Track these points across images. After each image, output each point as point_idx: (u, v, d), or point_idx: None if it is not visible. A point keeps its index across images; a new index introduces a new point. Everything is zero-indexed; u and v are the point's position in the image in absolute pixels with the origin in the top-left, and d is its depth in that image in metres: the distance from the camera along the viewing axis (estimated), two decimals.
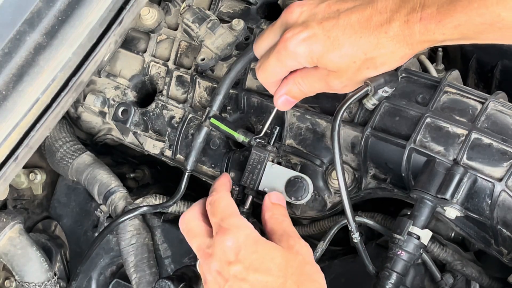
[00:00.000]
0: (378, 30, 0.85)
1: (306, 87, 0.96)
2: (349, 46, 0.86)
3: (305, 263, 0.94)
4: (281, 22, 0.95)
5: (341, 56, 0.87)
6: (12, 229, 1.21)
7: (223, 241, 0.93)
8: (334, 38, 0.87)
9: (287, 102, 0.99)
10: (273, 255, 0.93)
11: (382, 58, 0.87)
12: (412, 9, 0.83)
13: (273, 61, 0.93)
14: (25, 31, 0.90)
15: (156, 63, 1.29)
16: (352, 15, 0.86)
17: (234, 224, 0.96)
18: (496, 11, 0.78)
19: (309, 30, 0.88)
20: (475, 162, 0.98)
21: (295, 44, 0.89)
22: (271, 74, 0.96)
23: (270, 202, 1.04)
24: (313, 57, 0.89)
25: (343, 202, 1.02)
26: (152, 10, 1.24)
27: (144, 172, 1.48)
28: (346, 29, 0.86)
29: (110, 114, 1.29)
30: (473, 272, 1.10)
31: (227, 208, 0.99)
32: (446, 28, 0.81)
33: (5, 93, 0.90)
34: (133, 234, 1.23)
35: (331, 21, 0.87)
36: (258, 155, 1.10)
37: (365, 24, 0.85)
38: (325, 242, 1.10)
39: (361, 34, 0.85)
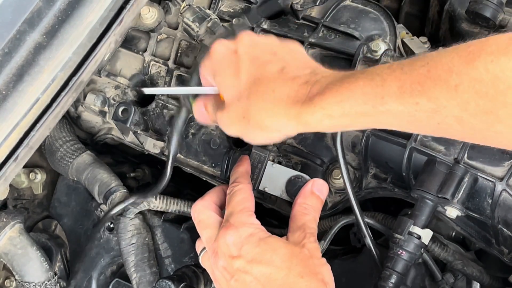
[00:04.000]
0: (269, 85, 0.86)
1: (210, 109, 0.97)
2: (244, 82, 0.88)
3: (310, 256, 0.94)
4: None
5: (233, 86, 0.89)
6: (12, 229, 1.21)
7: (225, 236, 0.95)
8: (239, 68, 0.89)
9: (201, 111, 0.99)
10: (276, 248, 0.94)
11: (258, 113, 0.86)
12: (306, 81, 0.84)
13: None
14: (25, 30, 0.89)
15: (156, 62, 1.29)
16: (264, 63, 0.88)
17: (241, 221, 0.96)
18: (380, 93, 0.76)
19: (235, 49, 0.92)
20: (476, 161, 0.98)
21: (217, 49, 0.94)
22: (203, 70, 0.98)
23: (310, 190, 1.04)
24: (215, 69, 0.93)
25: (349, 197, 1.02)
26: (152, 9, 1.24)
27: (144, 172, 1.48)
28: (252, 68, 0.88)
29: (110, 114, 1.29)
30: (474, 271, 1.10)
31: (242, 202, 1.00)
32: (328, 102, 0.80)
33: (5, 93, 0.90)
34: (134, 234, 1.23)
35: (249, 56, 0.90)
36: (258, 154, 1.10)
37: (265, 74, 0.87)
38: (325, 241, 1.10)
39: (257, 80, 0.87)
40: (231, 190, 1.02)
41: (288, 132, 0.88)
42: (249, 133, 0.90)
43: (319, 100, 0.81)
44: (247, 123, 0.88)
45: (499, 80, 0.67)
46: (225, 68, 0.91)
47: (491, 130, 0.71)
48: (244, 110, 0.87)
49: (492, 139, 0.75)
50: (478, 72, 0.69)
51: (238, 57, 0.90)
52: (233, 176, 1.05)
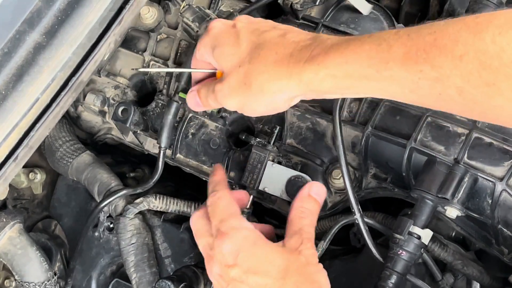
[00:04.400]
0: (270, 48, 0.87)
1: (205, 92, 0.97)
2: (244, 49, 0.89)
3: (307, 263, 0.92)
4: None
5: (233, 55, 0.90)
6: (12, 229, 1.21)
7: (221, 245, 0.93)
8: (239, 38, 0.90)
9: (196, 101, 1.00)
10: (272, 257, 0.92)
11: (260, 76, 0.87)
12: (310, 43, 0.85)
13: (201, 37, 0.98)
14: (25, 30, 0.89)
15: (156, 62, 1.28)
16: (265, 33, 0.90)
17: (232, 226, 0.94)
18: (385, 58, 0.76)
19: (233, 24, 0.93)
20: (476, 161, 0.98)
21: (215, 26, 0.95)
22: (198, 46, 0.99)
23: (308, 193, 1.00)
24: (213, 43, 0.93)
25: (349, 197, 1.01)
26: (152, 9, 1.24)
27: (144, 172, 1.47)
28: (253, 37, 0.90)
29: (110, 114, 1.29)
30: (474, 271, 1.10)
31: (226, 209, 0.97)
32: (333, 62, 0.81)
33: (5, 93, 0.90)
34: (133, 234, 1.23)
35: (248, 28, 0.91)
36: (258, 154, 1.10)
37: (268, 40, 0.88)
38: (325, 241, 1.10)
39: (258, 46, 0.88)
40: (211, 201, 0.99)
41: (290, 93, 0.87)
42: (251, 102, 0.90)
43: (322, 59, 0.81)
44: (248, 88, 0.88)
45: (504, 53, 0.68)
46: (224, 40, 0.92)
47: (491, 103, 0.72)
48: (245, 75, 0.88)
49: (491, 113, 0.75)
50: (484, 44, 0.69)
51: (237, 29, 0.92)
52: (210, 187, 1.03)
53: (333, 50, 0.81)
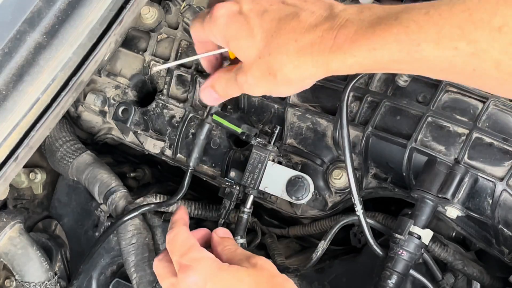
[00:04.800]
0: (289, 36, 0.81)
1: (225, 85, 0.92)
2: (260, 40, 0.83)
3: (273, 276, 0.91)
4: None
5: (249, 47, 0.84)
6: (12, 229, 1.21)
7: (185, 279, 0.90)
8: (251, 26, 0.84)
9: (211, 95, 0.94)
10: (240, 277, 0.90)
11: (283, 66, 0.83)
12: (331, 26, 0.79)
13: (199, 21, 0.91)
14: (25, 30, 0.89)
15: (157, 62, 1.29)
16: (277, 13, 0.83)
17: (193, 258, 0.92)
18: (416, 40, 0.74)
19: (239, 8, 0.86)
20: (476, 161, 0.98)
21: (219, 15, 0.87)
22: (194, 32, 0.93)
23: (219, 237, 1.00)
24: (226, 36, 0.87)
25: (353, 196, 1.01)
26: (152, 9, 1.24)
27: (144, 172, 1.48)
28: (265, 22, 0.83)
29: (110, 114, 1.29)
30: (474, 271, 1.10)
31: (185, 243, 0.95)
32: (360, 50, 0.77)
33: (5, 92, 0.90)
34: (134, 234, 1.23)
35: (259, 12, 0.85)
36: (258, 154, 1.10)
37: (282, 25, 0.82)
38: (326, 241, 1.10)
39: (274, 33, 0.82)
40: (168, 239, 0.97)
41: (317, 78, 0.84)
42: (278, 88, 0.87)
43: (349, 47, 0.78)
44: (273, 79, 0.85)
45: None
46: (236, 32, 0.86)
47: None
48: (268, 66, 0.84)
49: None
50: None
51: (244, 16, 0.85)
52: (169, 227, 1.00)
53: (358, 37, 0.77)
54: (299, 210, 1.17)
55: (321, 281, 1.17)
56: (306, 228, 1.23)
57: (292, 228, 1.27)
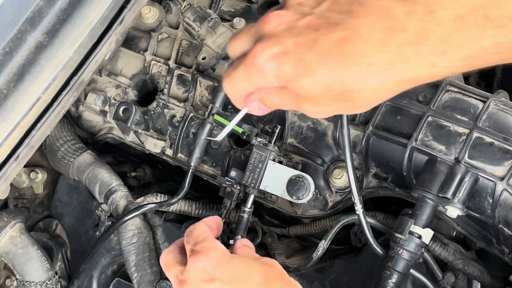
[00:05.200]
0: (360, 61, 0.70)
1: (278, 102, 0.82)
2: (323, 74, 0.72)
3: (282, 273, 0.93)
4: (256, 29, 0.80)
5: (314, 84, 0.73)
6: (13, 228, 1.21)
7: (195, 263, 0.91)
8: (307, 63, 0.72)
9: (260, 108, 0.86)
10: (251, 266, 0.92)
11: (362, 93, 0.73)
12: (405, 39, 0.67)
13: (240, 75, 0.80)
14: (26, 30, 0.89)
15: (157, 62, 1.29)
16: (331, 40, 0.71)
17: (207, 246, 0.93)
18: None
19: (281, 46, 0.74)
20: (477, 161, 0.98)
21: (263, 60, 0.75)
22: (238, 87, 0.82)
23: (242, 244, 1.03)
24: (282, 78, 0.75)
25: (353, 195, 1.01)
26: (153, 9, 1.24)
27: (145, 171, 1.48)
28: (323, 54, 0.72)
29: (111, 113, 1.29)
30: (474, 271, 1.10)
31: (202, 233, 0.97)
32: (452, 61, 0.67)
33: (6, 92, 0.90)
34: (134, 233, 1.23)
35: (308, 42, 0.73)
36: (259, 154, 1.10)
37: (345, 51, 0.70)
38: (326, 240, 1.10)
39: (340, 63, 0.70)
40: (187, 231, 0.99)
41: (400, 92, 0.74)
42: (352, 111, 0.78)
43: (439, 60, 0.67)
44: (349, 105, 0.75)
45: None
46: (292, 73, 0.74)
47: None
48: (344, 96, 0.74)
49: None
50: None
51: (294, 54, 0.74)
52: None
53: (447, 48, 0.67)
54: (300, 210, 1.17)
55: (322, 281, 1.17)
56: (307, 227, 1.23)
57: (293, 228, 1.27)
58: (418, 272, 1.06)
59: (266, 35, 0.76)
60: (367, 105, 0.75)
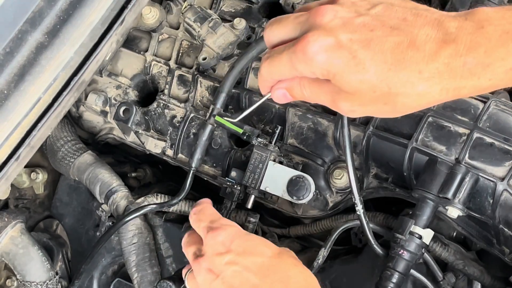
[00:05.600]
0: (411, 68, 0.73)
1: (310, 95, 0.84)
2: (374, 74, 0.74)
3: (295, 257, 0.98)
4: (306, 19, 0.80)
5: (361, 82, 0.75)
6: (13, 228, 1.21)
7: (214, 237, 0.96)
8: (360, 60, 0.74)
9: (284, 96, 0.87)
10: (266, 243, 0.97)
11: (406, 98, 0.75)
12: (455, 50, 0.71)
13: (284, 60, 0.81)
14: (27, 30, 0.90)
15: (158, 62, 1.29)
16: (387, 43, 0.74)
17: (224, 223, 0.99)
18: None
19: (335, 40, 0.75)
20: (477, 161, 0.98)
21: (315, 51, 0.76)
22: (277, 72, 0.83)
23: None
24: (329, 72, 0.77)
25: (353, 195, 1.01)
26: (153, 9, 1.24)
27: (145, 172, 1.48)
28: (376, 54, 0.74)
29: (111, 113, 1.29)
30: (475, 271, 1.10)
31: (214, 213, 1.03)
32: (495, 73, 0.71)
33: (7, 92, 0.90)
34: (135, 234, 1.23)
35: (363, 41, 0.75)
36: (260, 154, 1.10)
37: (399, 56, 0.74)
38: (326, 248, 1.11)
39: (391, 66, 0.74)
40: (195, 210, 1.05)
41: (442, 102, 0.78)
42: (389, 114, 0.81)
43: (482, 72, 0.71)
44: (390, 108, 0.78)
45: None
46: (342, 67, 0.76)
47: None
48: (386, 99, 0.76)
49: None
50: None
51: (348, 49, 0.75)
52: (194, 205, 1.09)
53: (492, 60, 0.71)
54: (300, 210, 1.17)
55: (322, 281, 1.17)
56: (307, 228, 1.23)
57: (293, 228, 1.27)
58: (418, 273, 1.06)
59: (320, 26, 0.77)
60: (406, 111, 0.78)
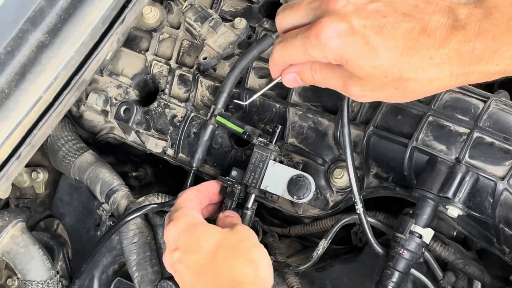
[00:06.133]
0: (422, 53, 0.76)
1: (320, 79, 0.86)
2: (386, 59, 0.77)
3: (241, 241, 0.97)
4: (319, 5, 0.82)
5: (374, 67, 0.78)
6: (14, 228, 1.22)
7: (167, 233, 0.99)
8: (372, 46, 0.77)
9: (294, 80, 0.89)
10: (207, 234, 0.97)
11: (417, 83, 0.78)
12: (465, 37, 0.74)
13: (298, 44, 0.82)
14: (28, 29, 0.90)
15: (158, 62, 1.29)
16: (399, 29, 0.77)
17: (179, 214, 1.00)
18: None
19: (348, 25, 0.77)
20: (477, 160, 0.98)
21: (329, 36, 0.78)
22: (289, 55, 0.85)
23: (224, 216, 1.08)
24: (342, 57, 0.79)
25: (353, 194, 1.01)
26: (154, 9, 1.24)
27: (146, 171, 1.48)
28: (389, 40, 0.77)
29: (112, 113, 1.30)
30: (475, 270, 1.10)
31: (183, 201, 1.04)
32: (502, 58, 0.73)
33: (8, 91, 0.90)
34: (135, 233, 1.23)
35: (376, 27, 0.77)
36: (260, 153, 1.10)
37: (410, 42, 0.76)
38: (326, 240, 1.10)
39: (403, 52, 0.76)
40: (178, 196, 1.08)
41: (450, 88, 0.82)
42: (398, 99, 0.83)
43: (490, 57, 0.74)
44: (400, 93, 0.80)
45: None
46: (355, 52, 0.78)
47: None
48: (397, 84, 0.79)
49: None
50: None
51: (361, 35, 0.77)
52: None
53: (499, 45, 0.73)
54: (301, 210, 1.17)
55: (322, 280, 1.18)
56: (308, 227, 1.23)
57: (294, 228, 1.27)
58: (418, 272, 1.06)
59: (333, 12, 0.79)
60: (416, 96, 0.81)
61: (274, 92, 1.19)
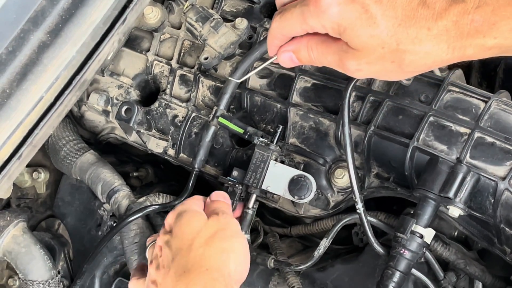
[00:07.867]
0: (420, 24, 0.76)
1: (317, 56, 0.86)
2: (384, 29, 0.77)
3: (219, 230, 0.99)
4: None
5: (371, 36, 0.78)
6: (16, 227, 1.22)
7: (166, 218, 1.05)
8: (371, 14, 0.77)
9: (290, 59, 0.89)
10: (191, 221, 1.01)
11: (414, 55, 0.78)
12: (464, 9, 0.74)
13: (296, 13, 0.82)
14: (29, 29, 0.90)
15: (159, 62, 1.29)
16: (399, 0, 0.77)
17: (180, 204, 1.06)
18: None
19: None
20: (478, 161, 0.98)
21: (328, 3, 0.78)
22: (287, 26, 0.85)
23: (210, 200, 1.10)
24: (340, 26, 0.79)
25: (354, 194, 1.01)
26: (155, 9, 1.24)
27: (147, 171, 1.48)
28: (387, 10, 0.77)
29: (113, 113, 1.30)
30: (476, 271, 1.10)
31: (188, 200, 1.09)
32: (501, 31, 0.73)
33: (9, 91, 0.91)
34: (137, 233, 1.23)
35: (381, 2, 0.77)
36: (261, 154, 1.11)
37: (409, 13, 0.76)
38: (328, 239, 1.10)
39: (401, 22, 0.76)
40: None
41: (448, 63, 0.80)
42: (395, 74, 0.83)
43: (488, 30, 0.74)
44: (396, 66, 0.80)
45: None
46: (354, 21, 0.78)
47: None
48: (394, 56, 0.79)
49: None
50: None
51: (361, 3, 0.77)
52: None
53: (498, 18, 0.72)
54: (302, 210, 1.17)
55: (323, 280, 1.17)
56: (309, 227, 1.23)
57: (295, 228, 1.28)
58: (419, 272, 1.06)
59: None
60: (413, 70, 0.80)
61: (275, 92, 1.19)
